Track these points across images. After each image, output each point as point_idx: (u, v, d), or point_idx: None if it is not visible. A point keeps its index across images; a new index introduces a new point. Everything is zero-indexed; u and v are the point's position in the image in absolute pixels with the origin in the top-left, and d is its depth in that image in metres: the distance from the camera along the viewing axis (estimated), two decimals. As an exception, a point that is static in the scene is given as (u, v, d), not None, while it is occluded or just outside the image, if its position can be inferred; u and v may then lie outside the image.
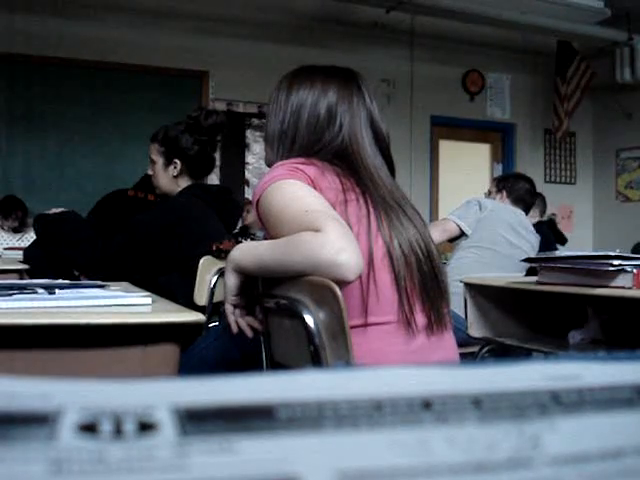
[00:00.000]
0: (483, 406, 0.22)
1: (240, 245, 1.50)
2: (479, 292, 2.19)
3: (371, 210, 1.43)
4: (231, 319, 1.50)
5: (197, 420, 0.20)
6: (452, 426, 0.21)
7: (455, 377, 0.24)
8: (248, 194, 6.32)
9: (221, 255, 2.37)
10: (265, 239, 1.52)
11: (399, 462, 0.19)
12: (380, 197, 1.46)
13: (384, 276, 1.40)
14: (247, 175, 6.78)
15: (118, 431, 0.20)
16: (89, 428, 0.20)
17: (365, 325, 1.39)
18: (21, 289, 1.26)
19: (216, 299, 2.37)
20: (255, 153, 6.77)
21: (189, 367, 1.61)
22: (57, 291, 1.26)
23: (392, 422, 0.21)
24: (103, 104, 6.17)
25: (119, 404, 0.21)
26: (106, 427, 0.20)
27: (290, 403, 0.21)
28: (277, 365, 1.50)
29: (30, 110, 5.98)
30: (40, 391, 0.21)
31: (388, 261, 1.41)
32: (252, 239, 3.52)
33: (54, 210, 2.57)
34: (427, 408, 0.22)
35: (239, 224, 4.25)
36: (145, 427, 0.20)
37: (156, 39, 6.27)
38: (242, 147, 6.77)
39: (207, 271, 2.39)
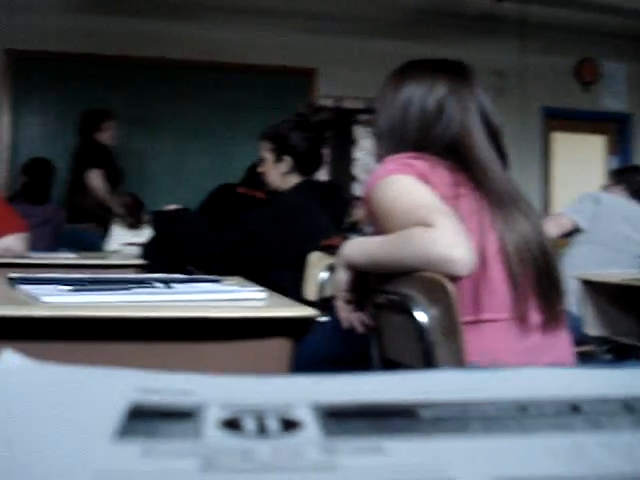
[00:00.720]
0: (636, 411, 0.21)
1: (351, 241, 1.50)
2: (595, 289, 2.11)
3: (483, 205, 1.40)
4: (342, 315, 1.50)
5: (340, 419, 0.20)
6: (607, 432, 0.20)
7: (601, 379, 0.23)
8: (356, 190, 6.32)
9: (330, 251, 2.38)
10: (373, 235, 1.51)
11: (558, 471, 0.18)
12: (493, 191, 1.43)
13: (497, 272, 1.37)
14: (355, 171, 6.79)
15: (262, 428, 0.20)
16: (232, 424, 0.20)
17: (477, 322, 1.37)
18: (139, 283, 1.31)
19: (325, 295, 2.38)
20: (363, 149, 6.77)
21: (299, 362, 1.62)
22: (174, 285, 1.29)
23: (541, 426, 0.20)
24: (215, 103, 6.32)
25: (260, 400, 0.21)
26: (250, 424, 0.20)
27: (433, 403, 0.21)
28: (387, 362, 1.49)
29: (146, 111, 6.19)
30: (182, 386, 0.22)
31: (501, 257, 1.37)
32: (361, 235, 3.52)
33: (170, 207, 2.64)
34: (576, 412, 0.20)
35: (348, 220, 4.26)
36: (288, 425, 0.20)
37: (266, 38, 6.36)
38: (350, 143, 6.78)
39: (316, 267, 2.40)
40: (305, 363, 1.67)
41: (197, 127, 6.27)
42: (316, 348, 1.76)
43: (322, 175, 3.90)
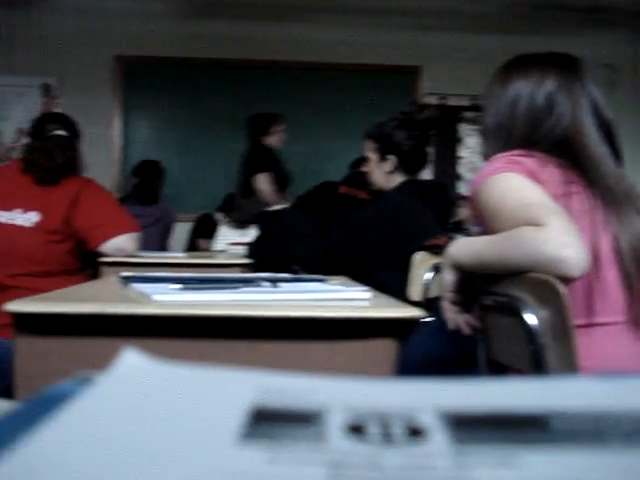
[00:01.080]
0: None
1: (458, 241, 1.48)
2: None
3: (596, 203, 1.35)
4: (448, 316, 1.48)
5: (468, 428, 0.19)
6: None
7: None
8: (461, 189, 6.24)
9: (435, 251, 2.35)
10: (480, 235, 1.48)
11: None
12: (606, 189, 1.38)
13: (611, 273, 1.32)
14: (460, 169, 6.70)
15: (387, 435, 0.19)
16: (356, 430, 0.20)
17: (589, 325, 1.32)
18: (247, 282, 1.33)
19: (430, 295, 2.35)
20: (468, 147, 6.68)
21: (402, 363, 1.61)
22: (280, 284, 1.31)
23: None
24: (319, 104, 6.37)
25: (383, 405, 0.20)
26: (374, 430, 0.19)
27: (565, 413, 0.20)
28: (494, 364, 1.46)
29: (250, 112, 6.29)
30: (302, 388, 0.21)
31: (615, 257, 1.32)
32: (466, 235, 3.47)
33: (275, 207, 2.68)
34: None
35: (452, 219, 4.21)
36: (414, 432, 0.19)
37: (369, 37, 6.36)
38: (455, 141, 6.70)
39: (421, 267, 2.38)
40: (408, 364, 1.66)
41: (303, 129, 6.32)
42: (420, 349, 1.75)
43: (426, 174, 3.86)
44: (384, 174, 2.60)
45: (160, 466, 0.18)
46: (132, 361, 0.26)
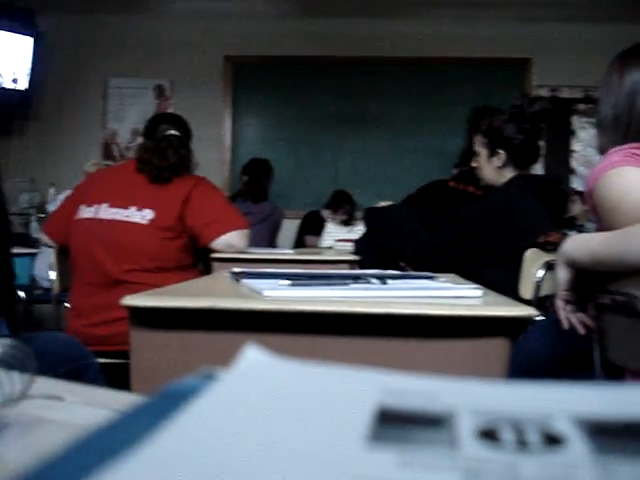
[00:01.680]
0: None
1: (572, 237, 1.43)
2: None
3: None
4: (562, 315, 1.44)
5: (608, 437, 0.18)
6: None
7: None
8: (574, 183, 6.05)
9: (548, 248, 2.29)
10: (596, 231, 1.43)
11: None
12: None
13: None
14: (573, 164, 6.49)
15: (522, 442, 0.18)
16: (489, 435, 0.19)
17: None
18: (355, 279, 1.32)
19: (542, 293, 2.29)
20: (581, 140, 6.46)
21: (513, 363, 1.57)
22: (389, 281, 1.30)
23: None
24: (425, 100, 6.31)
25: (515, 410, 0.19)
26: (508, 436, 0.19)
27: None
28: (610, 365, 1.41)
29: (358, 109, 6.31)
30: (427, 389, 0.21)
31: None
32: (579, 231, 3.36)
33: (382, 203, 2.66)
34: None
35: (566, 215, 4.08)
36: (550, 439, 0.18)
37: (475, 30, 6.25)
38: (567, 134, 6.49)
39: (533, 264, 2.32)
40: (518, 364, 1.62)
41: (408, 124, 6.29)
42: (530, 349, 1.70)
43: (538, 169, 3.76)
44: (494, 169, 2.55)
45: (288, 466, 0.17)
46: (254, 357, 0.26)
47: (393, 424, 0.20)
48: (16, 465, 0.34)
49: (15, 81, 6.12)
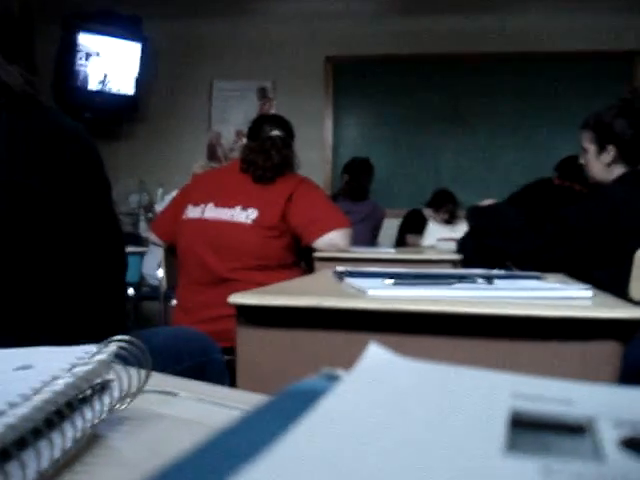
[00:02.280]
0: None
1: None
2: None
3: None
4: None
5: None
6: None
7: None
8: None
9: (661, 247, 2.19)
10: None
11: None
12: None
13: None
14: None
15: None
16: (634, 445, 0.18)
17: None
18: (461, 278, 1.30)
19: (655, 294, 2.19)
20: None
21: (626, 366, 1.51)
22: (496, 281, 1.27)
23: None
24: (528, 95, 6.16)
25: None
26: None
27: None
28: None
29: (459, 106, 6.23)
30: (560, 394, 0.20)
31: None
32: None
33: (486, 201, 2.62)
34: None
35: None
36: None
37: (580, 22, 6.06)
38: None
39: (645, 264, 2.23)
40: (630, 368, 1.56)
41: (511, 120, 6.16)
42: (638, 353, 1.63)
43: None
44: (603, 166, 2.46)
45: (424, 473, 0.17)
46: (378, 357, 0.26)
47: (529, 431, 0.19)
48: (132, 458, 0.34)
49: (124, 86, 6.34)
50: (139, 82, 6.39)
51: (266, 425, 0.20)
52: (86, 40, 6.04)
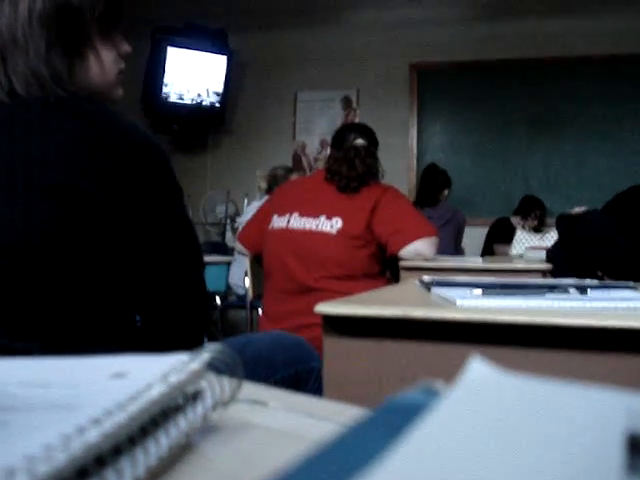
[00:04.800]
0: None
1: None
2: None
3: None
4: None
5: None
6: None
7: None
8: None
9: None
10: None
11: None
12: None
13: None
14: None
15: None
16: None
17: None
18: (552, 288, 1.27)
19: None
20: None
21: None
22: (589, 291, 1.23)
23: None
24: (617, 98, 5.98)
25: None
26: None
27: None
28: None
29: (547, 111, 6.10)
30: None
31: None
32: None
33: (576, 209, 2.55)
34: None
35: None
36: None
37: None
38: None
39: None
40: None
41: (601, 126, 5.99)
42: None
43: None
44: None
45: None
46: (482, 371, 0.25)
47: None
48: (225, 468, 0.34)
49: (210, 98, 6.47)
50: (225, 94, 6.51)
51: (371, 440, 0.20)
52: (174, 54, 6.20)
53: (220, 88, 6.47)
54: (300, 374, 1.52)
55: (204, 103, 6.46)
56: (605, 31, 5.96)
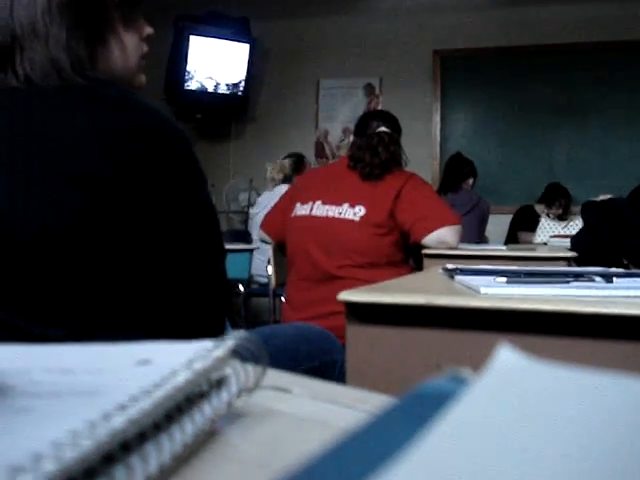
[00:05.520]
0: None
1: None
2: None
3: None
4: None
5: None
6: None
7: None
8: None
9: None
10: None
11: None
12: None
13: None
14: None
15: None
16: None
17: None
18: (577, 276, 1.26)
19: None
20: None
21: None
22: (615, 279, 1.22)
23: None
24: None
25: None
26: None
27: None
28: None
29: (572, 98, 6.03)
30: None
31: None
32: None
33: (602, 197, 2.53)
34: None
35: None
36: None
37: None
38: None
39: None
40: None
41: (627, 111, 5.92)
42: None
43: None
44: None
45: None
46: (511, 359, 0.24)
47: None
48: (250, 455, 0.34)
49: (232, 87, 6.47)
50: (247, 82, 6.51)
51: (398, 429, 0.20)
52: (196, 42, 6.20)
53: (242, 76, 6.47)
54: (323, 366, 1.51)
55: (227, 91, 6.46)
56: (633, 17, 5.88)
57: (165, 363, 0.35)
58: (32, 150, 1.00)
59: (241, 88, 6.50)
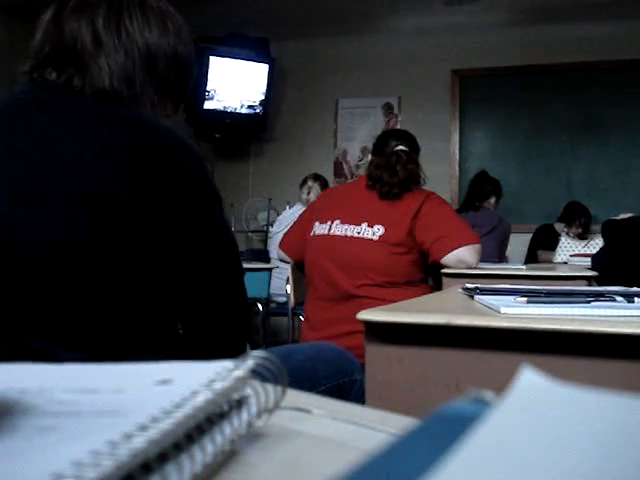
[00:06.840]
0: None
1: None
2: None
3: None
4: None
5: None
6: None
7: None
8: None
9: None
10: None
11: None
12: None
13: None
14: None
15: None
16: None
17: None
18: (598, 296, 1.25)
19: None
20: None
21: None
22: (636, 299, 1.21)
23: None
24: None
25: None
26: None
27: None
28: None
29: (591, 116, 6.01)
30: None
31: None
32: None
33: (622, 216, 2.51)
34: None
35: None
36: None
37: None
38: None
39: None
40: None
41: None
42: None
43: None
44: None
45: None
46: (534, 382, 0.24)
47: None
48: (270, 476, 0.34)
49: (252, 107, 6.51)
50: (266, 102, 6.55)
51: (422, 451, 0.19)
52: (216, 63, 6.25)
53: (262, 96, 6.51)
54: (343, 386, 1.50)
55: (246, 111, 6.50)
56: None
57: (186, 383, 0.35)
58: (43, 168, 1.00)
59: (260, 108, 6.54)
